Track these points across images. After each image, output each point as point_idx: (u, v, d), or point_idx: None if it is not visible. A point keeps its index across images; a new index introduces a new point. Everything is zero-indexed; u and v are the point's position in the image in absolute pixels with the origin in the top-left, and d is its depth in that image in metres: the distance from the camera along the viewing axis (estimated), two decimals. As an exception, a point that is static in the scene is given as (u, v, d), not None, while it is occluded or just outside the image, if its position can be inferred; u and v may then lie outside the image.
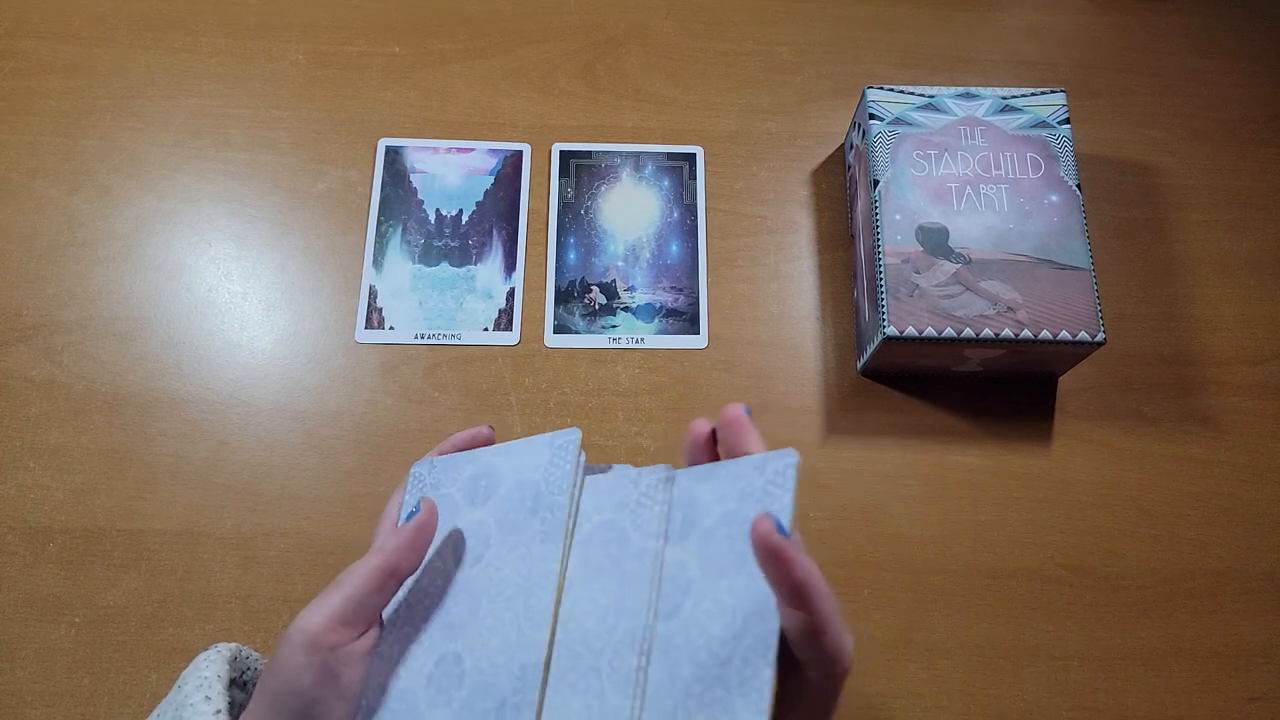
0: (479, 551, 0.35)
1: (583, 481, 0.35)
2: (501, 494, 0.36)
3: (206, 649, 0.37)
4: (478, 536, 0.36)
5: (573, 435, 0.35)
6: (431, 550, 0.37)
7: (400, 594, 0.36)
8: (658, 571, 0.31)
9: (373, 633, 0.34)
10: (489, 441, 0.42)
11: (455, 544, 0.36)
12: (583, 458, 0.36)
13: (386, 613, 0.36)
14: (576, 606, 0.32)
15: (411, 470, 0.41)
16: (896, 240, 0.56)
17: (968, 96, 0.60)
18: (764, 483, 0.29)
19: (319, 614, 0.32)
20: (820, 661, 0.26)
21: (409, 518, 0.35)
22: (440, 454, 0.41)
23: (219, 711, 0.33)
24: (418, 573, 0.36)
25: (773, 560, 0.25)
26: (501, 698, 0.31)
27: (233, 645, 0.37)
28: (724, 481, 0.31)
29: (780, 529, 0.26)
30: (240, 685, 0.37)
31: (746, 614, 0.28)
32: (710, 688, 0.27)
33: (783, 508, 0.28)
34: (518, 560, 0.33)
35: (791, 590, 0.25)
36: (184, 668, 0.36)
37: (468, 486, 0.38)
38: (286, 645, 0.31)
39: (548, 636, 0.31)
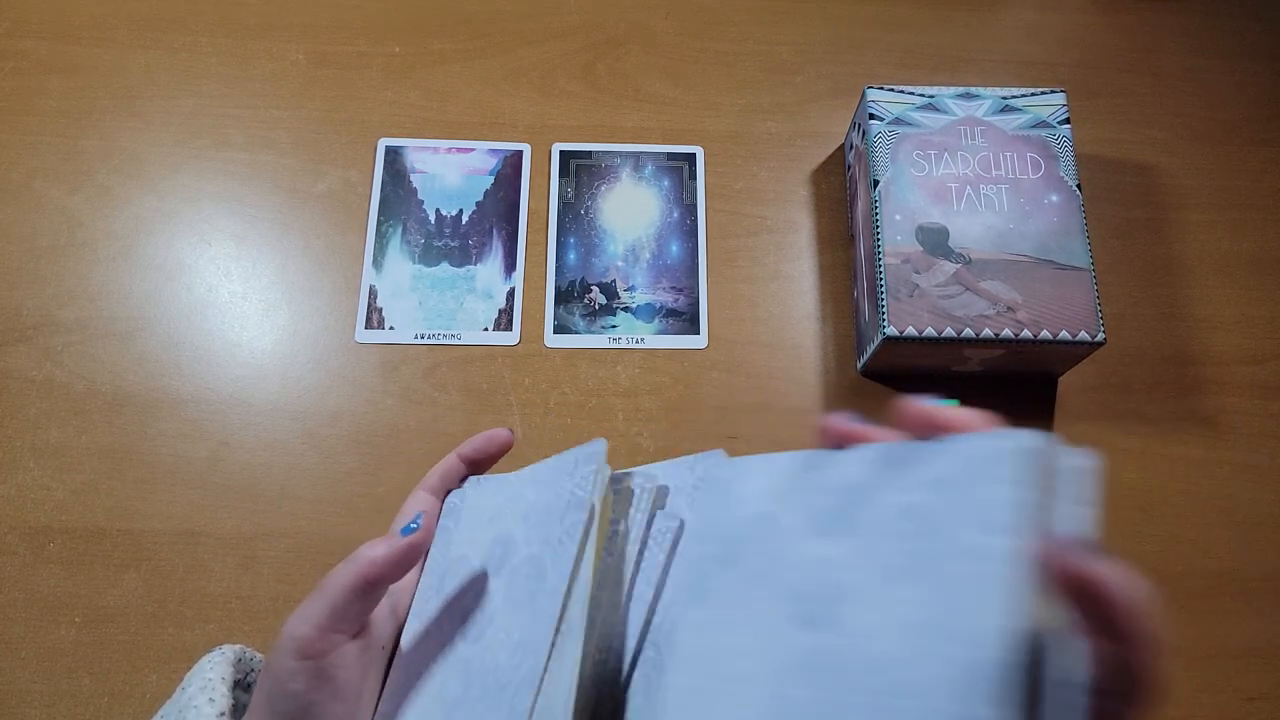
0: (482, 628, 0.34)
1: (585, 558, 0.32)
2: (513, 565, 0.34)
3: (210, 650, 0.36)
4: (484, 610, 0.34)
5: (580, 515, 0.32)
6: (438, 606, 0.36)
7: (420, 632, 0.36)
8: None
9: (366, 633, 0.34)
10: (508, 445, 0.41)
11: (464, 613, 0.35)
12: (593, 538, 0.32)
13: (408, 647, 0.35)
14: (495, 639, 0.32)
15: (447, 501, 0.40)
16: (896, 240, 0.56)
17: (968, 96, 0.60)
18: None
19: (306, 623, 0.31)
20: (1126, 694, 0.21)
21: (406, 532, 0.34)
22: (460, 456, 0.40)
23: (223, 714, 0.33)
24: (423, 631, 0.35)
25: (1079, 587, 0.21)
26: None
27: (237, 647, 0.37)
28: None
29: (1082, 549, 0.21)
30: (244, 687, 0.36)
31: (525, 648, 0.30)
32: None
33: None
34: (513, 646, 0.32)
35: (1104, 618, 0.21)
36: (185, 668, 0.36)
37: (486, 549, 0.36)
38: (278, 651, 0.32)
39: None
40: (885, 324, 0.54)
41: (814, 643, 0.23)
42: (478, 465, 0.41)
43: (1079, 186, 0.57)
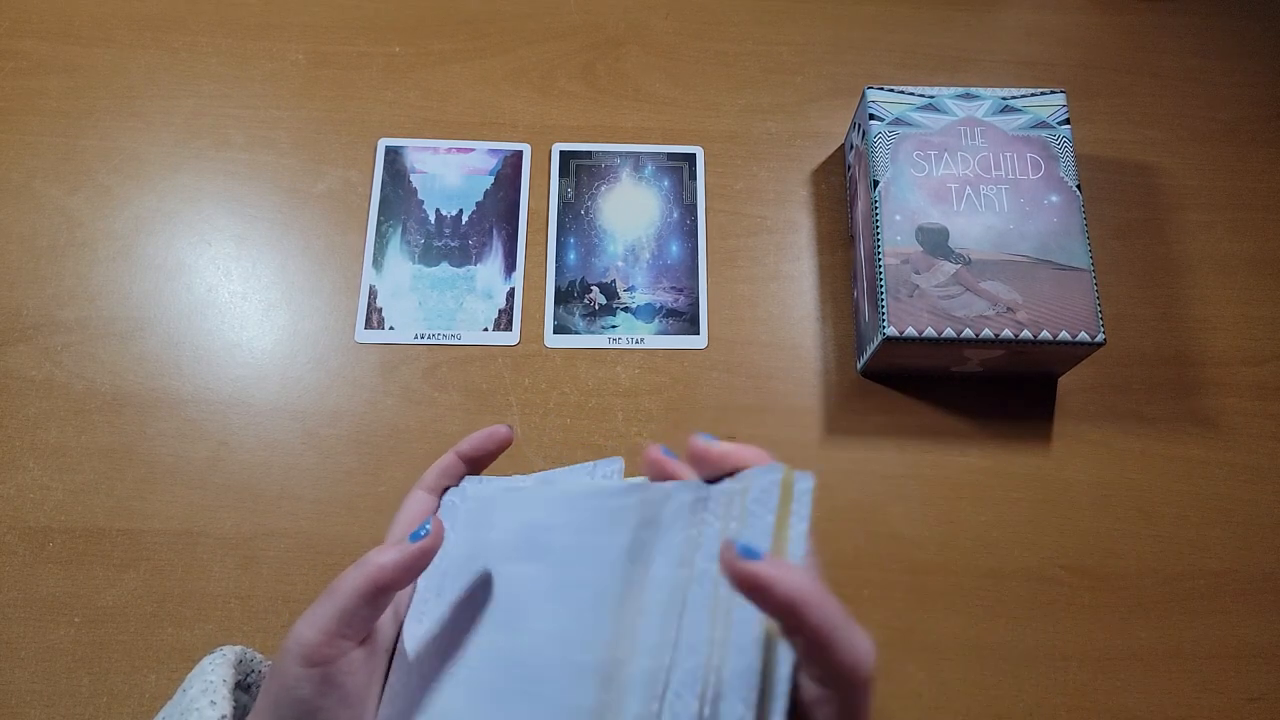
0: (515, 616, 0.33)
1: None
2: (554, 557, 0.33)
3: (211, 652, 0.36)
4: (518, 600, 0.33)
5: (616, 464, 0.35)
6: (459, 590, 0.35)
7: (426, 635, 0.35)
8: (611, 605, 0.30)
9: (372, 639, 0.34)
10: (507, 441, 0.40)
11: (488, 605, 0.34)
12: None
13: (412, 650, 0.35)
14: (539, 627, 0.32)
15: (444, 499, 0.39)
16: (896, 240, 0.56)
17: (968, 97, 0.60)
18: (609, 519, 0.32)
19: (313, 628, 0.31)
20: (835, 678, 0.25)
21: (415, 538, 0.34)
22: (458, 454, 0.40)
23: (224, 717, 0.33)
24: (444, 619, 0.35)
25: (750, 589, 0.24)
26: None
27: (238, 648, 0.37)
28: (571, 510, 0.33)
29: (749, 553, 0.24)
30: (244, 688, 0.36)
31: (569, 641, 0.30)
32: (567, 690, 0.29)
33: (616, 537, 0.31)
34: (565, 642, 0.31)
35: (779, 613, 0.24)
36: (185, 668, 0.36)
37: (512, 537, 0.35)
38: (285, 656, 0.31)
39: None
40: (885, 324, 0.54)
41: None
42: (476, 463, 0.41)
43: (1079, 187, 0.57)
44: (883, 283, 0.55)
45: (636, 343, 0.61)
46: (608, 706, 0.28)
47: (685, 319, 0.61)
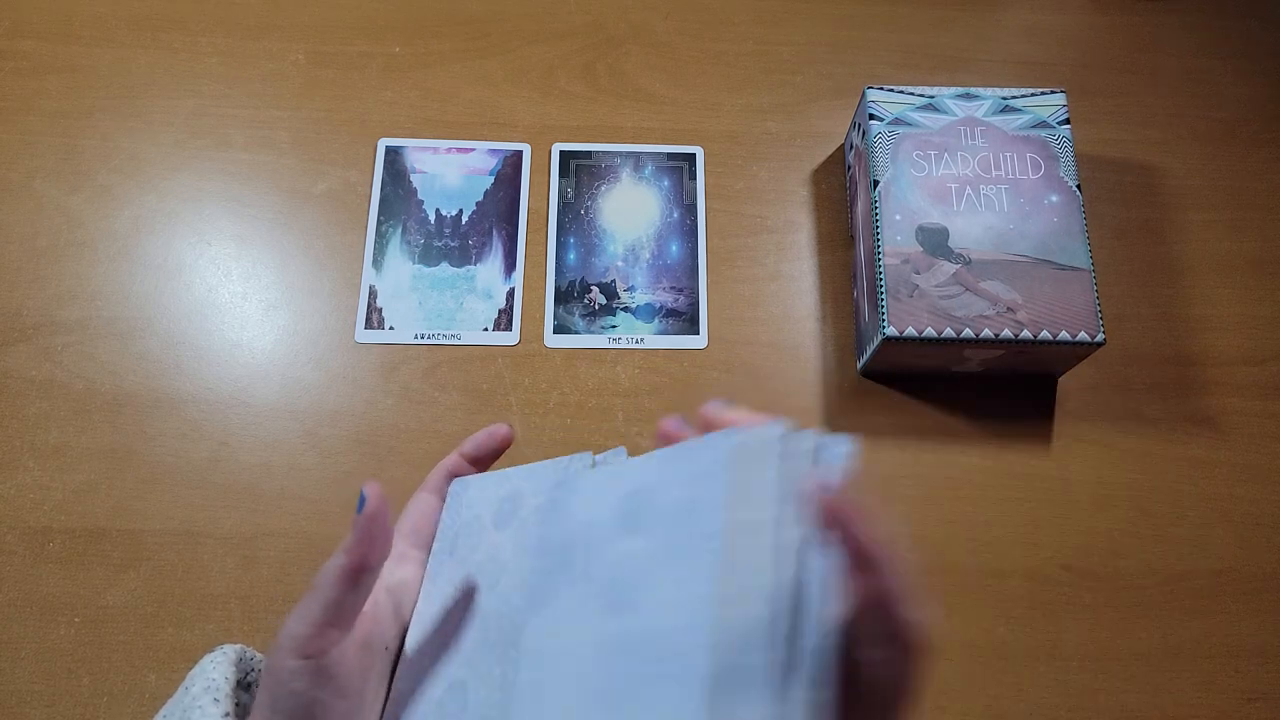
0: (495, 576, 0.34)
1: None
2: (521, 517, 0.35)
3: (212, 650, 0.36)
4: (496, 561, 0.35)
5: (585, 459, 0.35)
6: (461, 575, 0.36)
7: (431, 615, 0.36)
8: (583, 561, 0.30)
9: (365, 630, 0.34)
10: (508, 440, 0.41)
11: (480, 569, 0.35)
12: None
13: (420, 635, 0.35)
14: (509, 583, 0.33)
15: (450, 488, 0.40)
16: (896, 240, 0.56)
17: (968, 97, 0.60)
18: (566, 478, 0.32)
19: (302, 621, 0.32)
20: (897, 635, 0.25)
21: (358, 512, 0.33)
22: (461, 454, 0.40)
23: (227, 715, 0.33)
24: (448, 597, 0.36)
25: (835, 522, 0.25)
26: None
27: (238, 647, 0.37)
28: (539, 480, 0.33)
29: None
30: (245, 687, 0.36)
31: (687, 606, 0.26)
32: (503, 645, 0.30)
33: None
34: (524, 589, 0.33)
35: (858, 558, 0.25)
36: (185, 668, 0.36)
37: (495, 509, 0.37)
38: (277, 652, 0.32)
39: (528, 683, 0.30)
40: (885, 324, 0.54)
41: (619, 627, 0.27)
42: (479, 463, 0.41)
43: (1079, 187, 0.57)
44: (883, 283, 0.55)
45: (636, 343, 0.61)
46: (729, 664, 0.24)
47: (685, 319, 0.61)
